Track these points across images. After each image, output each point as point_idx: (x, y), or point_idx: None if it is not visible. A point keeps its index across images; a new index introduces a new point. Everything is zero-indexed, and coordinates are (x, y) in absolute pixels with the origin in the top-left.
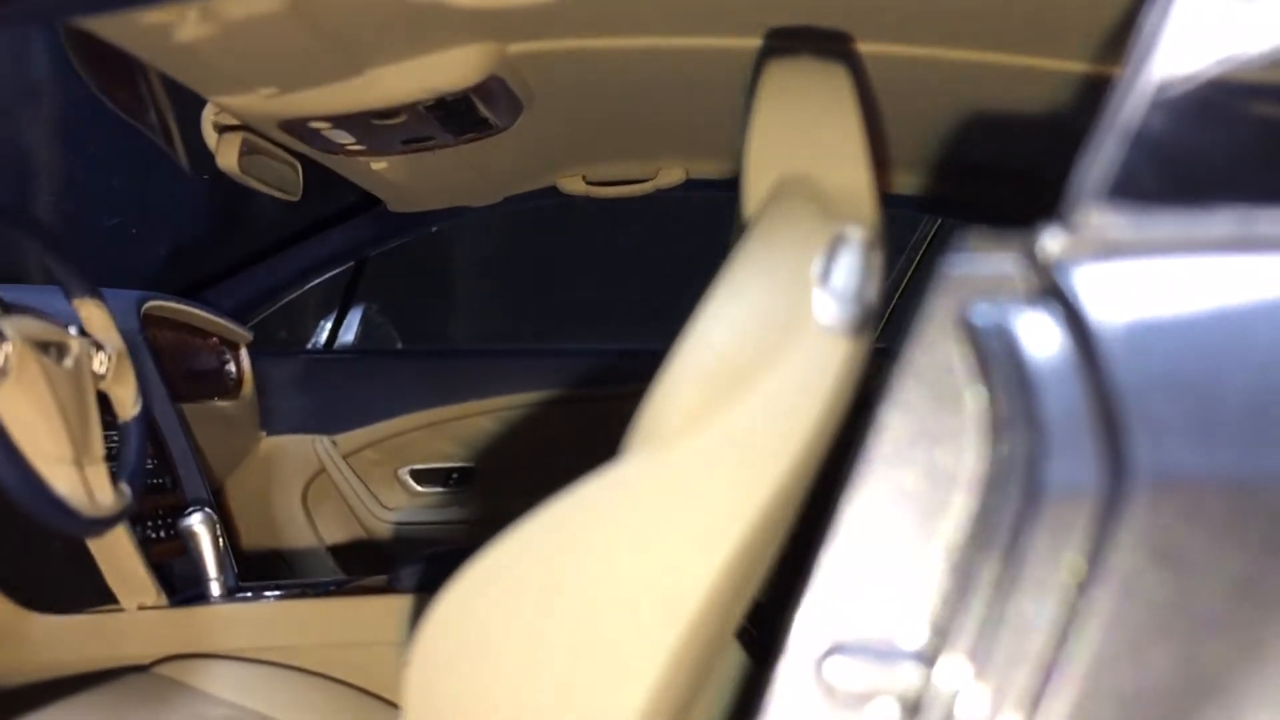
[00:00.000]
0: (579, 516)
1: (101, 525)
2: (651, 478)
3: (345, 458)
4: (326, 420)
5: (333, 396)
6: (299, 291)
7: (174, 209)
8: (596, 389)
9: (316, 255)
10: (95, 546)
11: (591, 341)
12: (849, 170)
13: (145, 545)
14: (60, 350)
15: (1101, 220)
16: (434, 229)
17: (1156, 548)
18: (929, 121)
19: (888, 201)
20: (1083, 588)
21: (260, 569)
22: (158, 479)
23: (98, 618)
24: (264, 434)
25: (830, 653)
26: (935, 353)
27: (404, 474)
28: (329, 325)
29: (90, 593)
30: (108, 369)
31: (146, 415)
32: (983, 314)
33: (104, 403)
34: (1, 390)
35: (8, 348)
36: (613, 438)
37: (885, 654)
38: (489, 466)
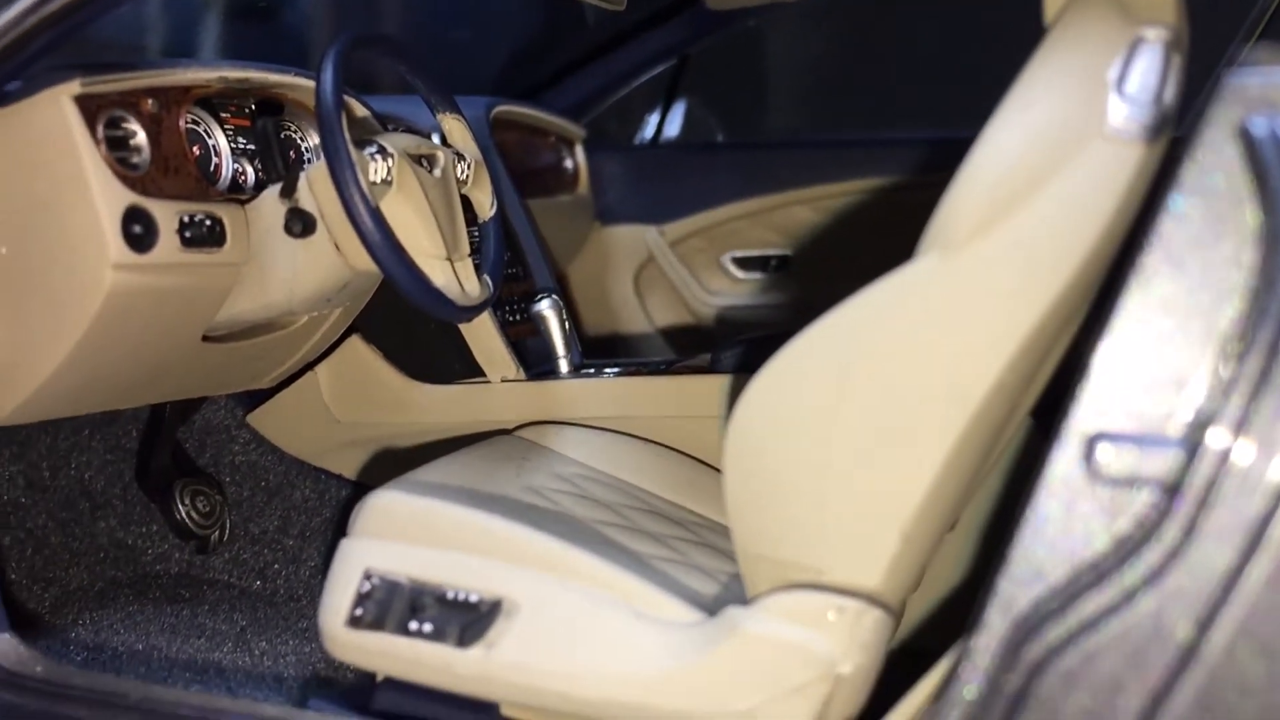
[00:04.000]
0: (877, 313)
1: (471, 311)
2: (943, 280)
3: (672, 246)
4: (654, 211)
5: (660, 188)
6: (626, 90)
7: (509, 20)
8: (910, 177)
9: (640, 55)
10: (465, 329)
11: (906, 130)
12: None
13: (505, 327)
14: (430, 161)
15: None
16: (751, 23)
17: None
18: None
19: None
20: None
21: (599, 348)
22: (512, 269)
23: (469, 388)
24: (599, 224)
25: (1099, 438)
26: (1213, 163)
27: (726, 260)
28: (656, 120)
29: (462, 368)
30: (468, 176)
31: (501, 214)
32: (1261, 125)
33: (465, 205)
34: (387, 198)
35: (391, 161)
36: (923, 226)
37: (1151, 441)
38: (805, 253)
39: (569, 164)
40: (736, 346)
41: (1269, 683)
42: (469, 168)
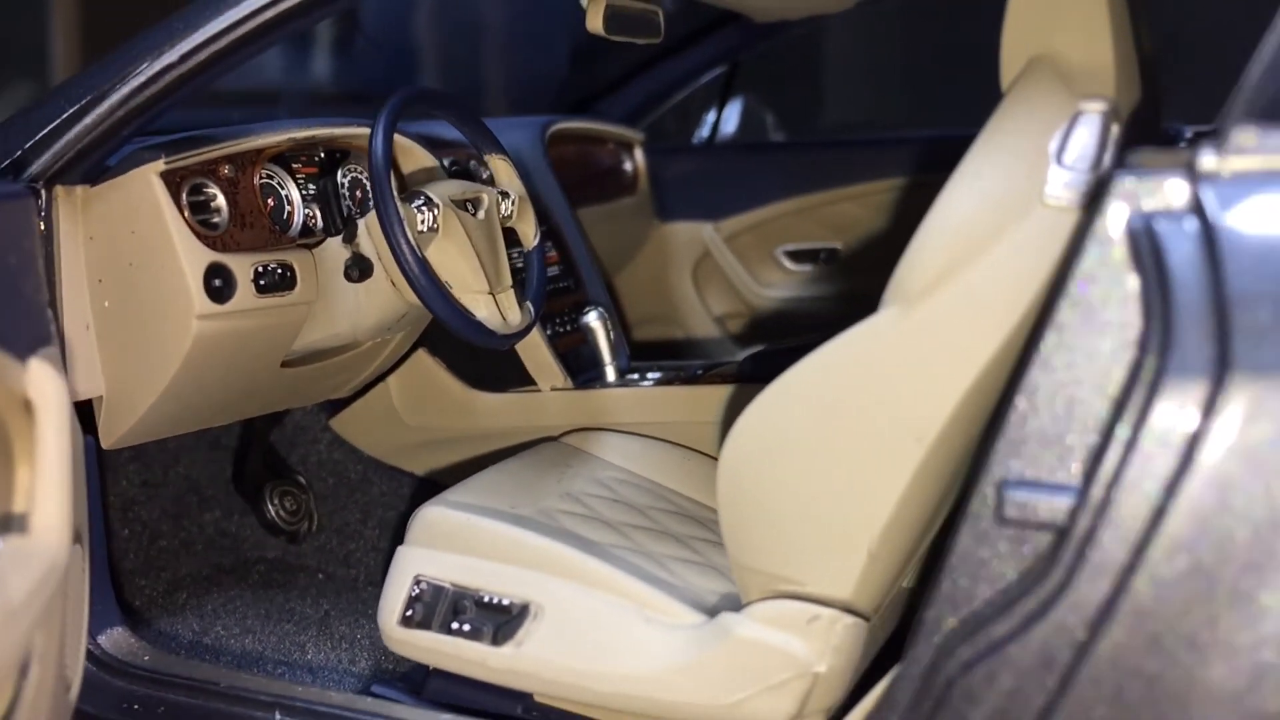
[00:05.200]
0: (846, 359)
1: (512, 339)
2: (899, 331)
3: (727, 241)
4: (710, 208)
5: (715, 186)
6: (681, 96)
7: (569, 36)
8: (951, 173)
9: (693, 63)
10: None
11: (947, 128)
12: (1096, 46)
13: (554, 339)
14: (475, 204)
15: (1252, 142)
16: (798, 31)
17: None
18: None
19: None
20: (1190, 451)
21: (659, 341)
22: (563, 282)
23: (521, 396)
24: (658, 222)
25: (1005, 484)
26: (1104, 247)
27: (779, 254)
28: (711, 121)
29: (516, 377)
30: (513, 211)
31: (554, 232)
32: (1138, 220)
33: (512, 236)
34: (433, 244)
35: (436, 210)
36: None
37: (1046, 489)
38: (853, 246)
39: (628, 167)
40: (761, 354)
41: (1140, 700)
42: (513, 204)
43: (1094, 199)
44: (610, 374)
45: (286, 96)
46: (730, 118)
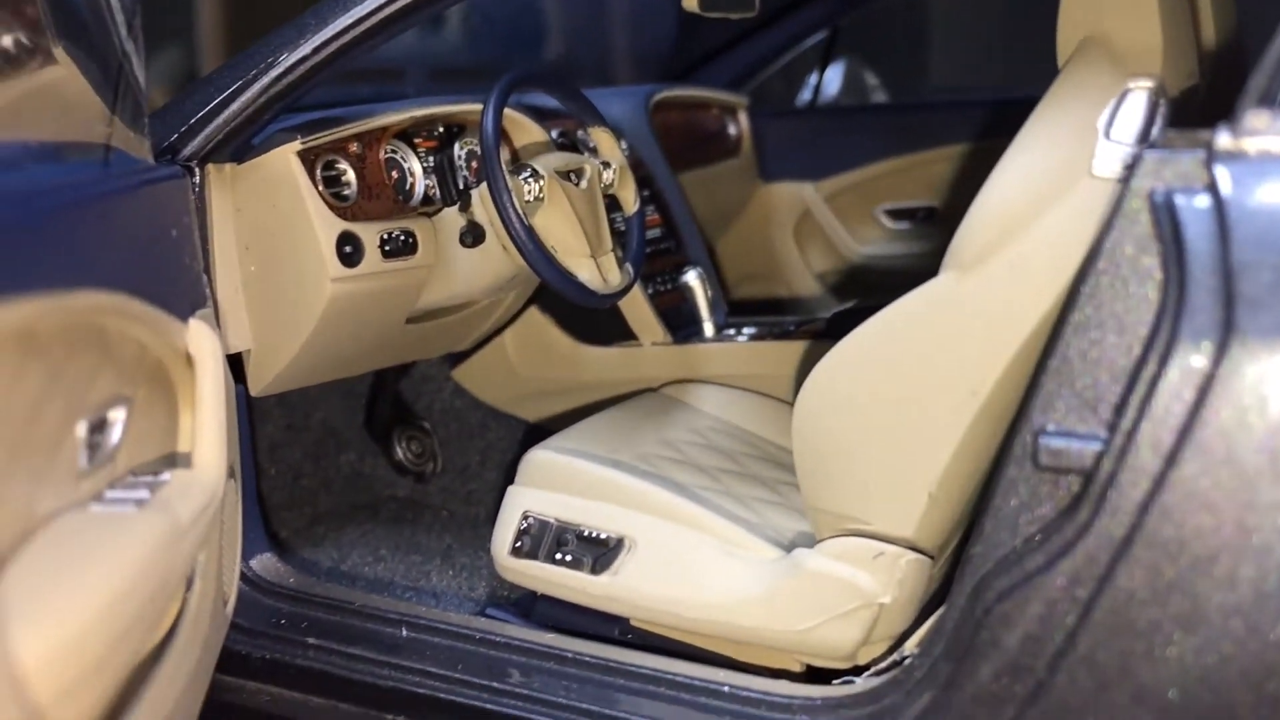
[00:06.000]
0: (907, 321)
1: (611, 299)
2: (955, 296)
3: (827, 200)
4: (812, 168)
5: (816, 148)
6: (784, 61)
7: (668, 10)
8: None
9: (796, 29)
10: (621, 300)
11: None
12: (1145, 28)
13: (654, 298)
14: (578, 174)
15: (1264, 124)
16: None
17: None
18: None
19: None
20: (1198, 405)
21: (760, 298)
22: (665, 244)
23: (624, 350)
24: (761, 182)
25: (1041, 433)
26: (1133, 218)
27: (878, 212)
28: (813, 84)
29: (620, 332)
30: (614, 180)
31: (656, 196)
32: (1161, 193)
33: (614, 203)
34: (539, 212)
35: (543, 181)
36: None
37: (1077, 437)
38: (950, 205)
39: (732, 131)
40: (845, 312)
41: (1149, 627)
42: (614, 173)
43: (1130, 174)
44: (708, 330)
45: (410, 72)
46: (833, 80)
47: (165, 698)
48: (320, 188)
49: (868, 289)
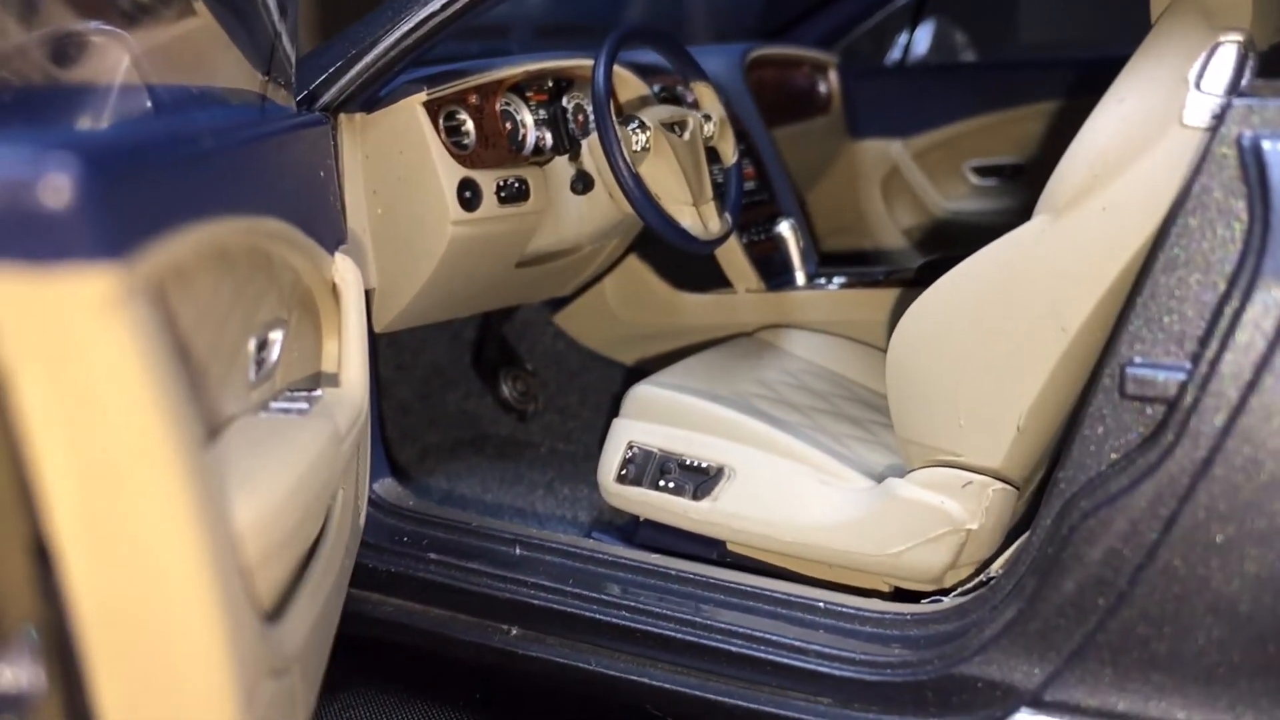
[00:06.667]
0: (1001, 261)
1: (712, 245)
2: (1049, 238)
3: (915, 157)
4: (900, 126)
5: (905, 105)
6: (876, 20)
7: None
8: None
9: None
10: (717, 249)
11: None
12: None
13: (750, 246)
14: (681, 126)
15: None
16: None
17: None
18: None
19: None
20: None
21: (847, 251)
22: (759, 196)
23: (719, 297)
24: (850, 139)
25: (1127, 365)
26: (1221, 164)
27: (965, 169)
28: (903, 43)
29: (715, 280)
30: (714, 133)
31: (751, 150)
32: (1249, 138)
33: (714, 155)
34: (646, 162)
35: (648, 133)
36: None
37: (1162, 368)
38: (1035, 163)
39: (823, 89)
40: (935, 261)
41: (1226, 544)
42: (715, 126)
43: (1219, 122)
44: (799, 278)
45: (516, 29)
46: (922, 39)
47: (320, 589)
48: (443, 136)
49: (953, 244)
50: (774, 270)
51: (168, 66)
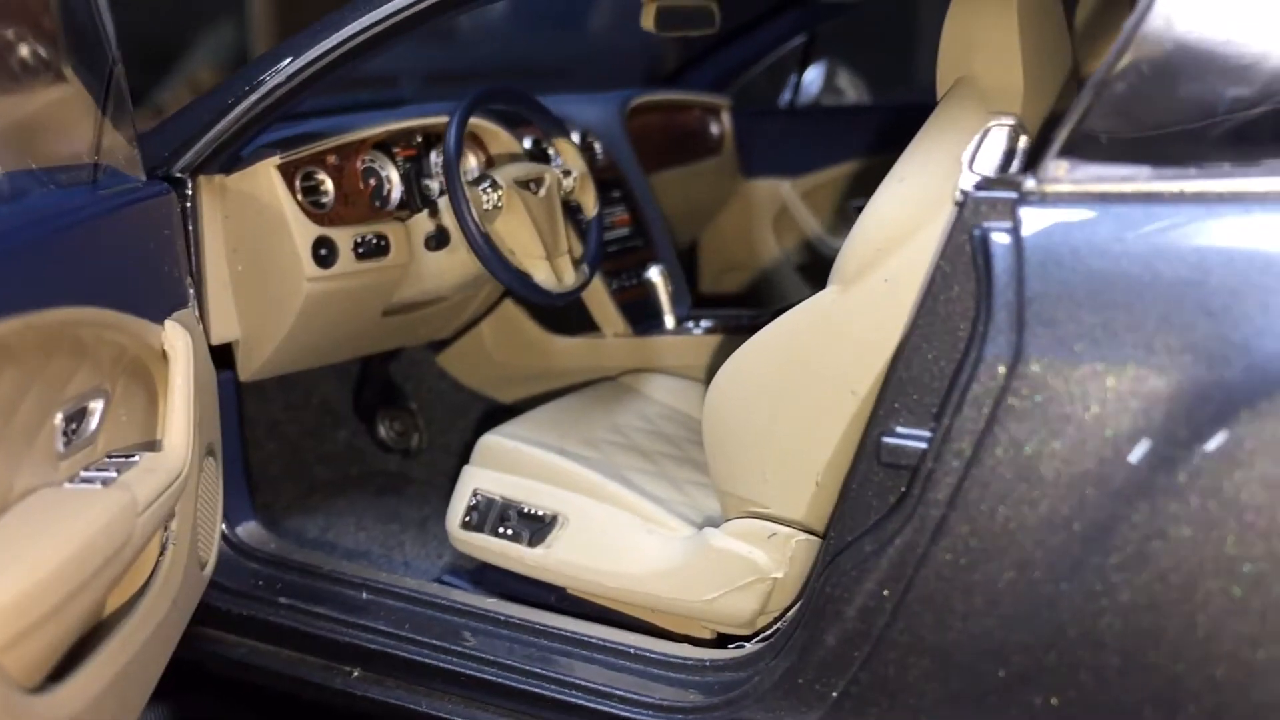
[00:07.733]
0: (797, 328)
1: (566, 296)
2: (840, 305)
3: (803, 196)
4: (789, 165)
5: (794, 145)
6: (766, 63)
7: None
8: None
9: (776, 33)
10: (586, 294)
11: None
12: (1008, 69)
13: (619, 292)
14: (537, 183)
15: (1062, 172)
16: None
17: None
18: None
19: None
20: (993, 415)
21: (739, 290)
22: (633, 242)
23: (588, 341)
24: (742, 179)
25: (882, 434)
26: (961, 249)
27: (851, 209)
28: (793, 85)
29: (586, 324)
30: (574, 186)
31: (603, 216)
32: (979, 229)
33: (576, 208)
34: (499, 219)
35: (501, 192)
36: None
37: (907, 438)
38: None
39: (715, 130)
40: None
41: (958, 601)
42: (574, 180)
43: (960, 209)
44: (669, 322)
45: (404, 78)
46: (813, 81)
47: (132, 642)
48: (299, 197)
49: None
50: (644, 314)
51: None
